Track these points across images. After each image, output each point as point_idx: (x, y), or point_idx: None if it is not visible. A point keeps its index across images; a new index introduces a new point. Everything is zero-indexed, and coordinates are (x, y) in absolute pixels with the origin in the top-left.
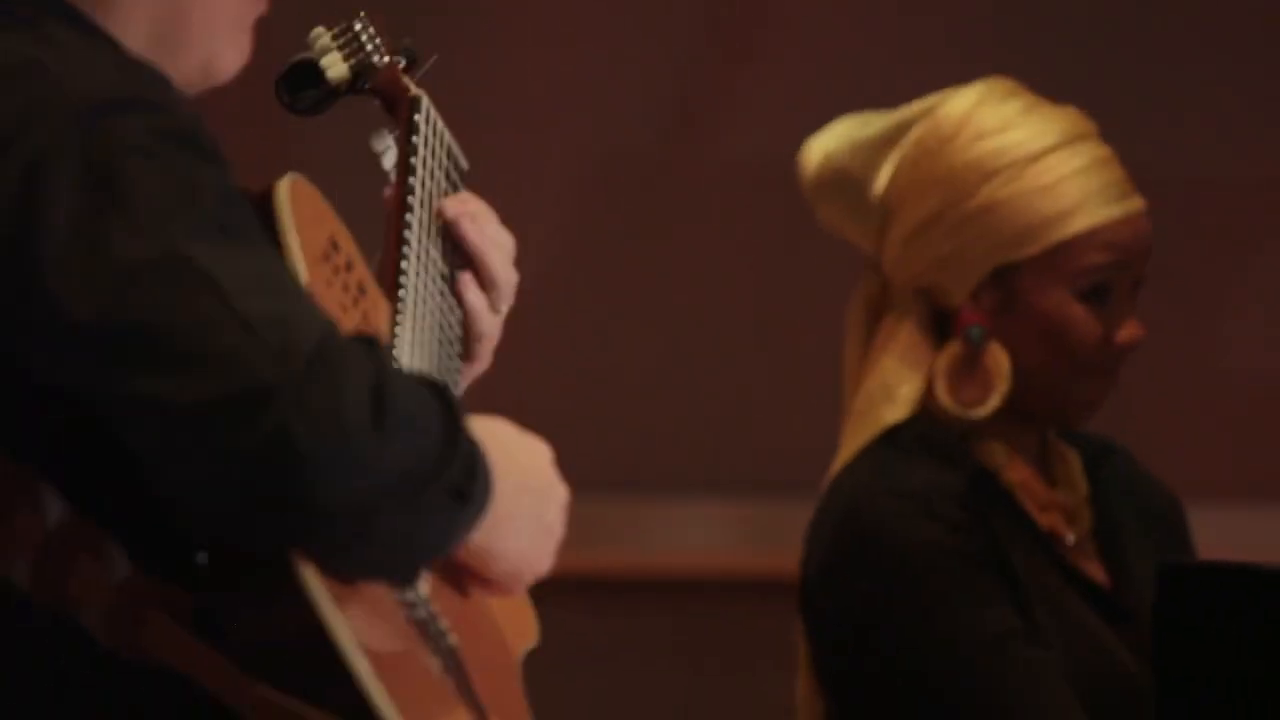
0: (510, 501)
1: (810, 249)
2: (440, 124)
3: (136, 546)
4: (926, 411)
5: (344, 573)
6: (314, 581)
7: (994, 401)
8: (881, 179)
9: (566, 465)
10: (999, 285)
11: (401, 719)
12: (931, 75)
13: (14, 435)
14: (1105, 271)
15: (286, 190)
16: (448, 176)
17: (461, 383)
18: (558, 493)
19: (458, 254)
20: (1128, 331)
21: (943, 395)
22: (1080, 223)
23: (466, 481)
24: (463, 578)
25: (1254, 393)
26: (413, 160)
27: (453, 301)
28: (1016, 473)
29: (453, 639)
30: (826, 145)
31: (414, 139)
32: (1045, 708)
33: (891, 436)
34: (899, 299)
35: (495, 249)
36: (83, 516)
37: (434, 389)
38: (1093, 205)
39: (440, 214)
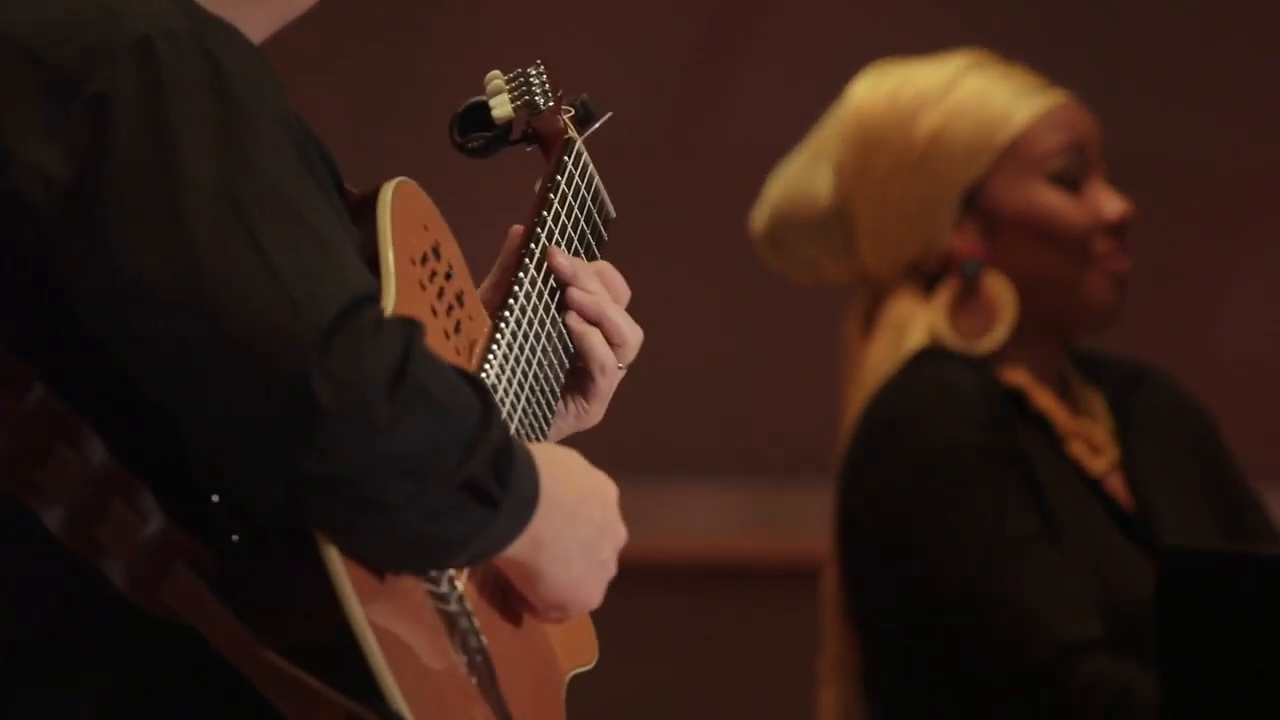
0: (562, 527)
1: None
2: (591, 170)
3: (171, 500)
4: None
5: (357, 550)
6: (336, 560)
7: (1000, 330)
8: (824, 188)
9: (573, 448)
10: (975, 211)
11: (406, 703)
12: (930, 56)
13: (66, 376)
14: (1066, 153)
15: (391, 191)
16: (588, 220)
17: (559, 423)
18: (617, 531)
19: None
20: (1113, 205)
21: (945, 332)
22: (1021, 115)
23: (492, 483)
24: (513, 594)
25: (1251, 375)
26: (550, 196)
27: (566, 343)
28: (1043, 398)
29: (484, 639)
30: (766, 205)
31: (556, 178)
32: (1063, 609)
33: (921, 355)
34: (890, 292)
35: (614, 310)
36: (123, 464)
37: (476, 388)
38: (1025, 100)
39: (557, 273)
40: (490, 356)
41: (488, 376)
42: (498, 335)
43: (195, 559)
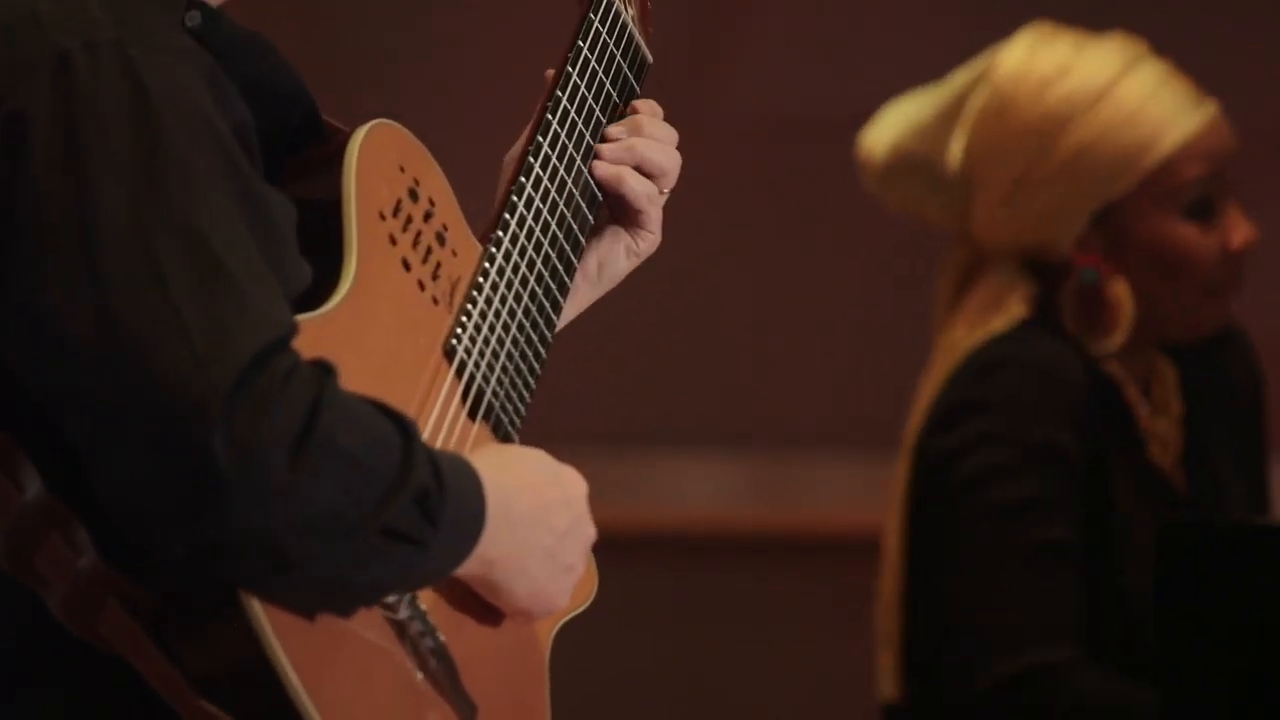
0: (520, 538)
1: (817, 201)
2: (624, 20)
3: (103, 537)
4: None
5: (276, 601)
6: (251, 600)
7: (1119, 336)
8: (954, 153)
9: (570, 418)
10: (1104, 226)
11: None
12: (933, 26)
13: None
14: (1204, 183)
15: (359, 142)
16: (616, 81)
17: (611, 270)
18: (582, 530)
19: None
20: (1240, 233)
21: (1071, 325)
22: (1170, 139)
23: (418, 524)
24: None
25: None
26: (568, 69)
27: (578, 237)
28: (1132, 394)
29: (442, 637)
30: (888, 136)
31: (578, 43)
32: (1044, 629)
33: (1030, 325)
34: (995, 261)
35: (643, 146)
36: (57, 497)
37: (398, 426)
38: (1177, 119)
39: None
40: (474, 293)
41: (469, 318)
42: (486, 264)
43: (128, 597)
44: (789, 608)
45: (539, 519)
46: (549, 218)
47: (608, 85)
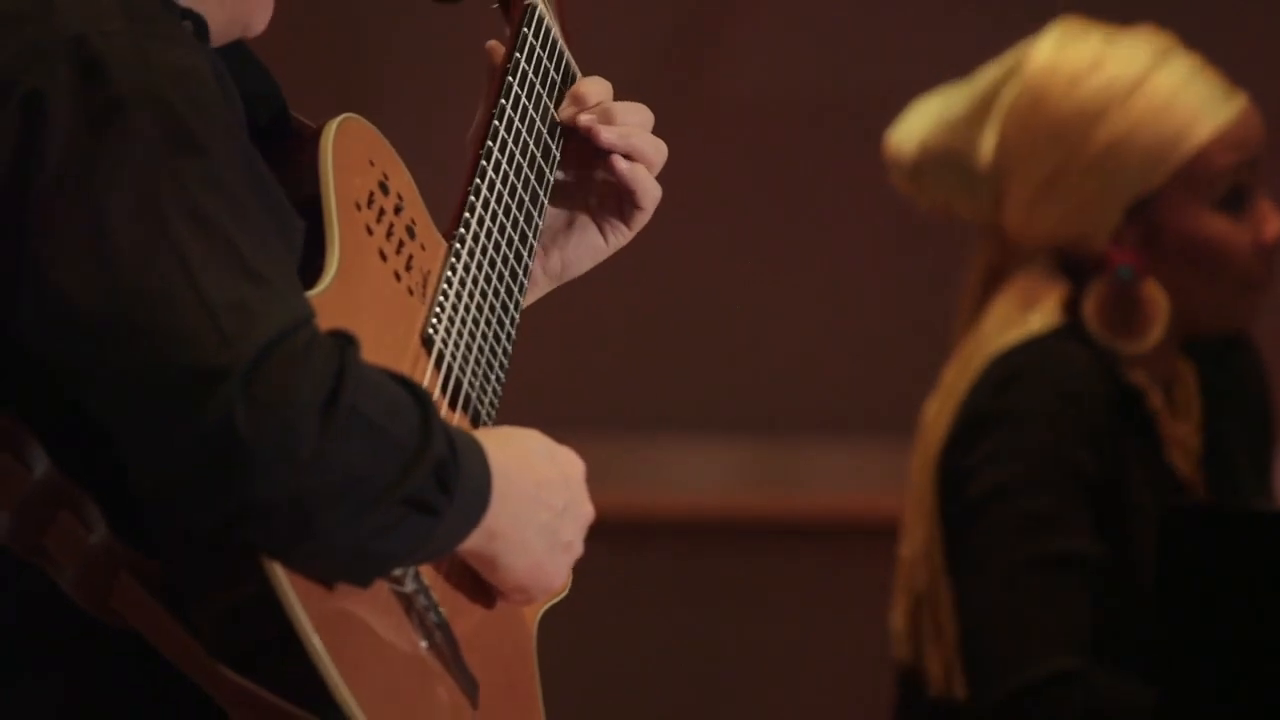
0: (519, 514)
1: (817, 185)
2: (555, 36)
3: (115, 511)
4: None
5: (298, 568)
6: (275, 565)
7: (1154, 336)
8: (986, 149)
9: (573, 403)
10: (1138, 220)
11: (357, 701)
12: (933, 7)
13: (4, 386)
14: (1237, 172)
15: (332, 133)
16: (551, 93)
17: (589, 259)
18: (580, 510)
19: (570, 151)
20: (1273, 225)
21: (1097, 329)
22: (1204, 130)
23: (435, 494)
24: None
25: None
26: (509, 79)
27: (536, 221)
28: (1156, 400)
29: (444, 613)
30: (918, 133)
31: (515, 55)
32: (1059, 640)
33: (1059, 334)
34: (1026, 258)
35: (638, 134)
36: (66, 475)
37: (414, 396)
38: (1209, 110)
39: (569, 123)
40: (445, 286)
41: (443, 309)
42: (453, 259)
43: (141, 571)
44: (789, 592)
45: (537, 495)
46: (503, 219)
47: (545, 98)
